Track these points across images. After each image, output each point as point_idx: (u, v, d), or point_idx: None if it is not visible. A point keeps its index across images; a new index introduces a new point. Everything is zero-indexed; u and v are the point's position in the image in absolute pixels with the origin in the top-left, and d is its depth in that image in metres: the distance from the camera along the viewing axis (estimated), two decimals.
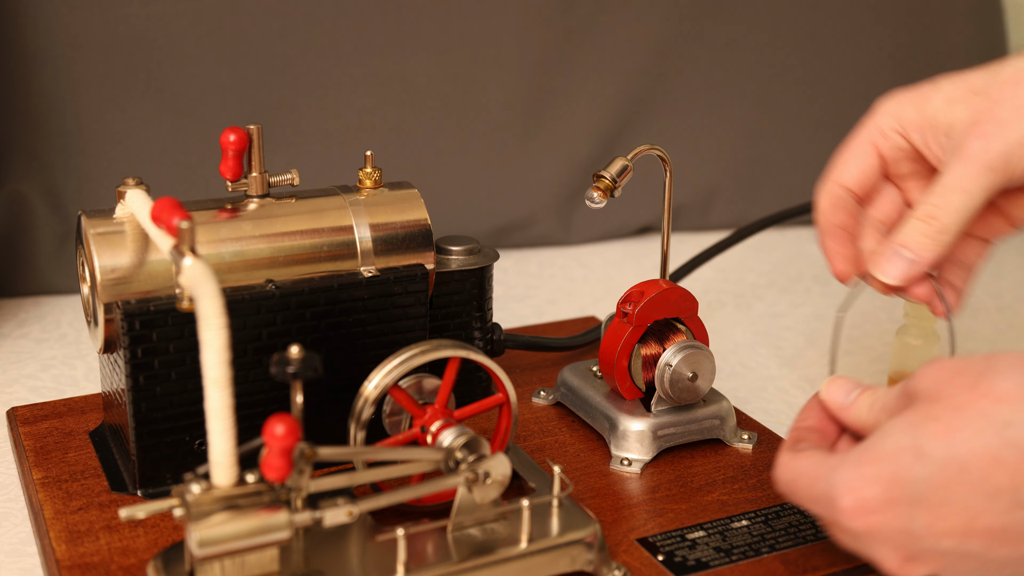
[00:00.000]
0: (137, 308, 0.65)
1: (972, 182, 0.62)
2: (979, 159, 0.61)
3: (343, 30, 1.09)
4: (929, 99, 0.65)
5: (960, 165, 0.62)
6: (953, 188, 0.62)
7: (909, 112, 0.65)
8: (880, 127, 0.66)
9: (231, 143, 0.68)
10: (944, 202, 0.62)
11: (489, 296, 0.78)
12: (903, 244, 0.64)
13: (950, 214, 0.62)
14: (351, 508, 0.57)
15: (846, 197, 0.68)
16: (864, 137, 0.67)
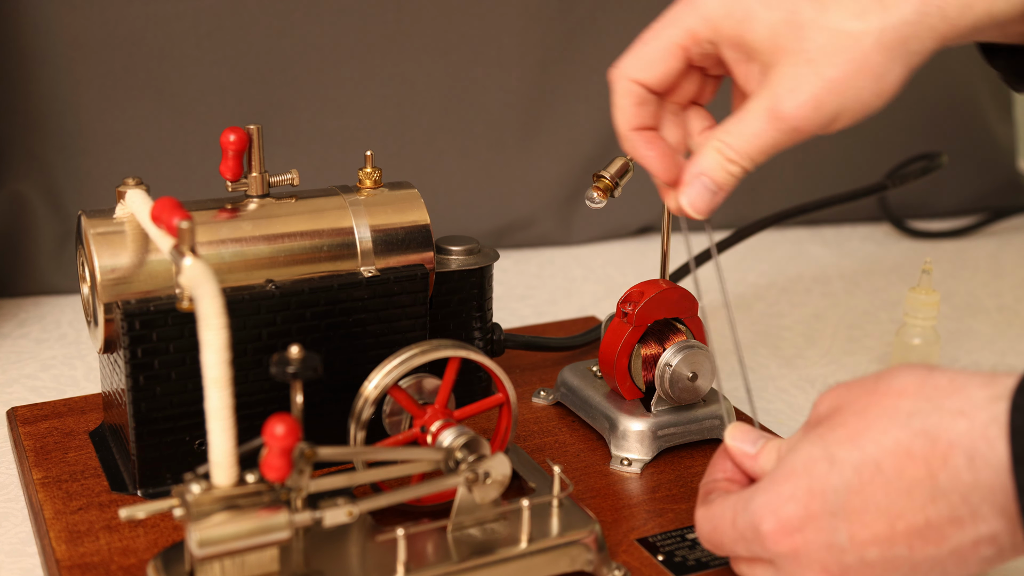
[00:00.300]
0: (137, 308, 0.65)
1: (778, 137, 0.59)
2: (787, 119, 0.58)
3: (343, 30, 1.09)
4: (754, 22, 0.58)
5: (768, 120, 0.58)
6: (759, 146, 0.59)
7: (729, 27, 0.59)
8: (693, 31, 0.60)
9: (231, 143, 0.68)
10: (747, 149, 0.59)
11: (489, 296, 0.78)
12: (705, 173, 0.60)
13: (751, 159, 0.60)
14: (351, 508, 0.57)
15: (645, 94, 0.63)
16: (672, 37, 0.61)
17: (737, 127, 0.59)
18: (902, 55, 0.57)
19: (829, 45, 0.57)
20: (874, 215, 1.25)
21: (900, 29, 0.57)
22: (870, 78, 0.57)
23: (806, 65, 0.57)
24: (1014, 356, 0.95)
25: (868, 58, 0.57)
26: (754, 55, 0.59)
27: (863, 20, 0.57)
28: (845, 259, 1.17)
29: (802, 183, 1.22)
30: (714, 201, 0.61)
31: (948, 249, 1.20)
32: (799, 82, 0.57)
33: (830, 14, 0.57)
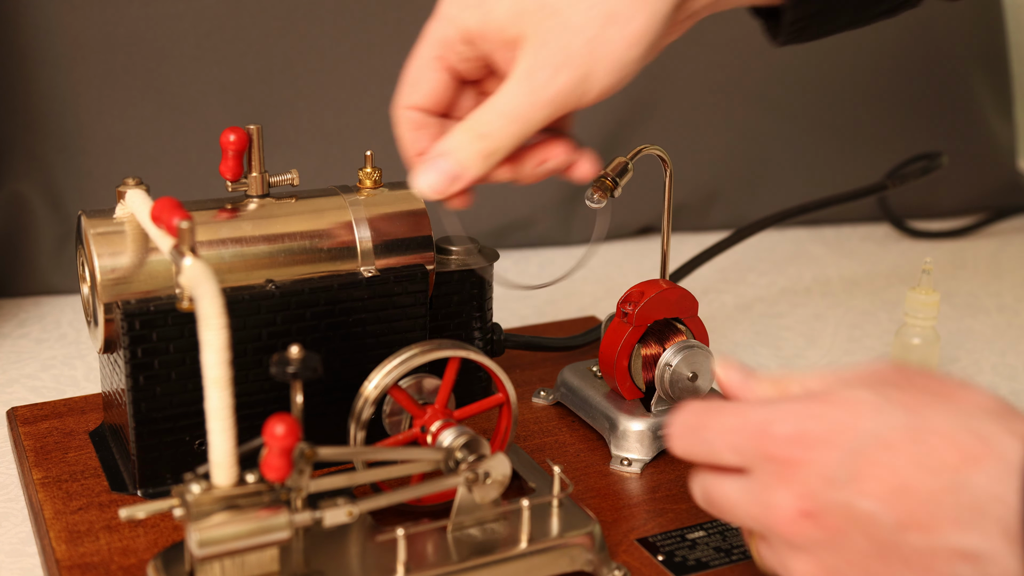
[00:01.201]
0: (137, 308, 0.65)
1: (535, 113, 0.57)
2: (546, 92, 0.56)
3: (343, 30, 1.09)
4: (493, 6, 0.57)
5: (522, 94, 0.56)
6: (513, 116, 0.57)
7: (472, 17, 0.58)
8: (444, 38, 0.59)
9: (231, 143, 0.68)
10: (501, 124, 0.57)
11: (489, 296, 0.78)
12: (446, 153, 0.58)
13: (504, 139, 0.57)
14: (351, 508, 0.57)
15: (422, 118, 0.61)
16: (428, 53, 0.60)
17: (488, 102, 0.57)
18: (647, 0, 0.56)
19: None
20: (874, 215, 1.25)
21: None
22: (617, 24, 0.56)
23: (552, 18, 0.56)
24: (1014, 356, 0.95)
25: (611, 3, 0.56)
26: (504, 35, 0.57)
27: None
28: (845, 259, 1.17)
29: (802, 183, 1.22)
30: (455, 184, 0.59)
31: (948, 249, 1.20)
32: (547, 36, 0.56)
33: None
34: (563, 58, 0.56)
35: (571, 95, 0.57)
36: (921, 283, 0.83)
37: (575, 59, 0.56)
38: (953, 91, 1.27)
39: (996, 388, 0.89)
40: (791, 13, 0.59)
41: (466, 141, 0.58)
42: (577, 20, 0.56)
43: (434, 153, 0.59)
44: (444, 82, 0.60)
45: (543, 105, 0.57)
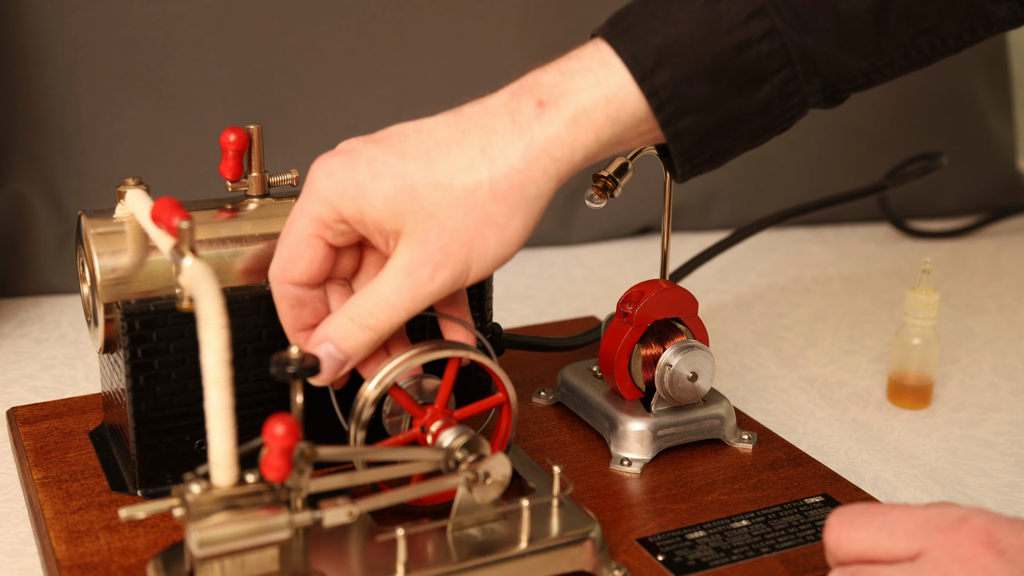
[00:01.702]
0: (137, 308, 0.65)
1: (415, 304, 0.59)
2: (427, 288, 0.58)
3: (343, 30, 1.09)
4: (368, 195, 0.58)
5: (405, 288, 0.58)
6: (395, 307, 0.59)
7: (348, 206, 0.59)
8: (320, 218, 0.59)
9: (231, 143, 0.68)
10: (384, 316, 0.59)
11: (489, 296, 0.78)
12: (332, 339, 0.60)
13: (388, 327, 0.60)
14: (351, 508, 0.57)
15: (302, 293, 0.62)
16: (306, 230, 0.60)
17: (371, 291, 0.59)
18: (521, 202, 0.58)
19: (445, 200, 0.57)
20: (874, 215, 1.25)
21: (511, 177, 0.57)
22: (492, 227, 0.58)
23: (428, 220, 0.57)
24: (1014, 356, 0.95)
25: (486, 208, 0.57)
26: (381, 226, 0.59)
27: (472, 173, 0.57)
28: (845, 259, 1.17)
29: (802, 183, 1.22)
30: (340, 369, 0.60)
31: (948, 249, 1.20)
32: (426, 236, 0.58)
33: (439, 171, 0.57)
34: (442, 257, 0.58)
35: (450, 287, 0.59)
36: (921, 283, 0.83)
37: (453, 257, 0.58)
38: (953, 91, 1.27)
39: (996, 388, 0.90)
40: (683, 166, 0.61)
41: (351, 330, 0.60)
42: (453, 224, 0.57)
43: (319, 337, 0.60)
44: (321, 256, 0.61)
45: (424, 298, 0.59)
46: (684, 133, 0.59)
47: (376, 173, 0.58)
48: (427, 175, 0.58)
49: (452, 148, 0.58)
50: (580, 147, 0.58)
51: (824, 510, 0.68)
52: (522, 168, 0.57)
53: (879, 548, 0.55)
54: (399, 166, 0.58)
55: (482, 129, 0.58)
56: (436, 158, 0.58)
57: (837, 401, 0.87)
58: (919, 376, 0.85)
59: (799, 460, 0.74)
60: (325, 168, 0.59)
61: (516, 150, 0.57)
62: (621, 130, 0.59)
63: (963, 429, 0.83)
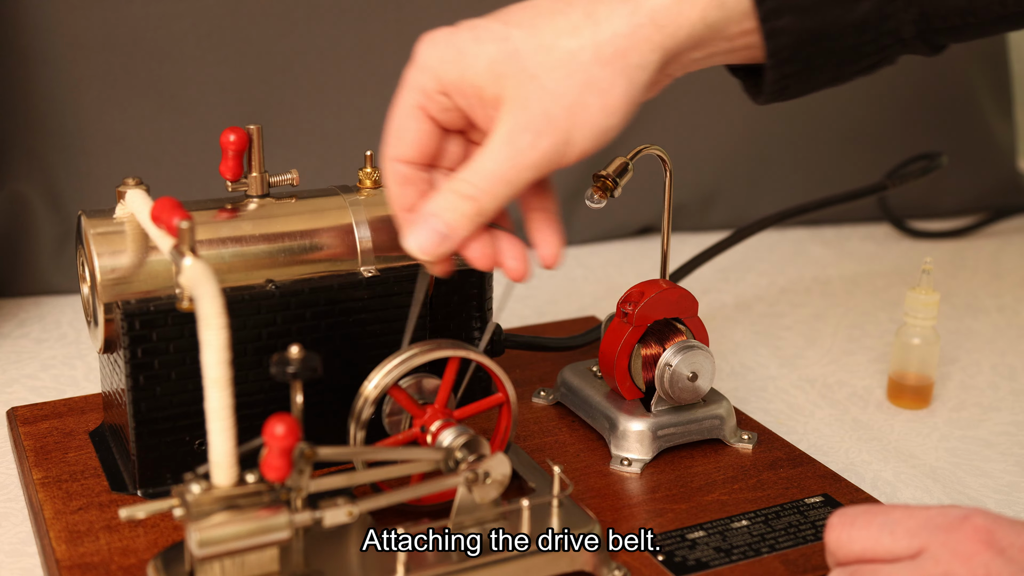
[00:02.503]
0: (137, 308, 0.65)
1: (517, 175, 0.58)
2: (528, 156, 0.57)
3: (343, 30, 1.09)
4: (470, 59, 0.57)
5: (506, 157, 0.57)
6: (497, 178, 0.58)
7: (450, 72, 0.58)
8: (423, 88, 0.59)
9: (231, 143, 0.68)
10: (486, 187, 0.58)
11: (489, 296, 0.78)
12: (435, 214, 0.59)
13: (491, 201, 0.58)
14: (351, 508, 0.57)
15: (410, 171, 0.61)
16: (409, 101, 0.60)
17: (473, 163, 0.58)
18: (624, 69, 0.57)
19: (548, 62, 0.57)
20: (874, 215, 1.25)
21: (615, 42, 0.57)
22: (595, 93, 0.57)
23: (530, 82, 0.57)
24: (1014, 356, 0.95)
25: (589, 72, 0.56)
26: (482, 94, 0.58)
27: (576, 37, 0.57)
28: (845, 259, 1.17)
29: (802, 183, 1.22)
30: (444, 244, 0.59)
31: (948, 249, 1.20)
32: (528, 100, 0.57)
33: (543, 35, 0.57)
34: (544, 123, 0.57)
35: (552, 158, 0.58)
36: (921, 283, 0.83)
37: (555, 124, 0.57)
38: (953, 91, 1.27)
39: (996, 388, 0.90)
40: (772, 73, 0.60)
41: (453, 202, 0.59)
42: (556, 86, 0.57)
43: (423, 213, 0.59)
44: (427, 131, 0.61)
45: (526, 168, 0.58)
46: (780, 32, 0.58)
47: (479, 38, 0.57)
48: (530, 39, 0.57)
49: (556, 15, 0.57)
50: (686, 22, 0.57)
51: (824, 510, 0.68)
52: (627, 33, 0.56)
53: (880, 547, 0.55)
54: (502, 31, 0.57)
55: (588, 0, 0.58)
56: (540, 24, 0.57)
57: (837, 401, 0.87)
58: (919, 376, 0.85)
59: (799, 460, 0.74)
60: (429, 38, 0.59)
61: (621, 16, 0.57)
62: (726, 16, 0.58)
63: (963, 429, 0.83)
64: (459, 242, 0.60)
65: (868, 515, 0.56)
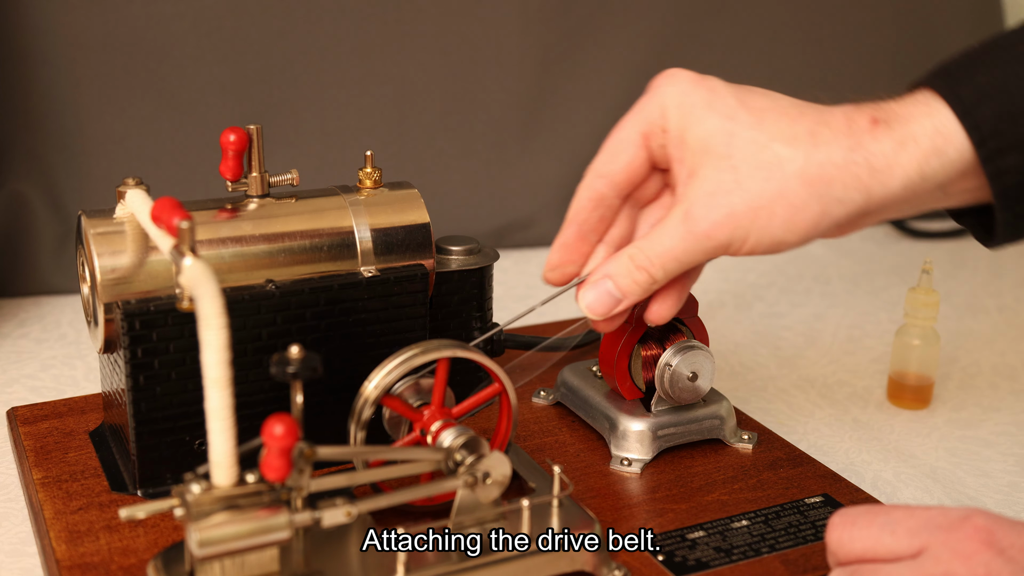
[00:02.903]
0: (137, 308, 0.65)
1: (688, 257, 0.60)
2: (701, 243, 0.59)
3: (343, 30, 1.09)
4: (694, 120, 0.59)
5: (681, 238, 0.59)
6: (670, 256, 0.60)
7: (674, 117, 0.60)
8: (651, 119, 0.61)
9: (231, 143, 0.68)
10: (660, 262, 0.60)
11: (489, 296, 0.78)
12: (611, 276, 0.61)
13: (663, 274, 0.61)
14: (349, 508, 0.57)
15: (606, 193, 0.63)
16: (635, 127, 0.62)
17: (652, 236, 0.60)
18: (822, 196, 0.57)
19: (755, 160, 0.57)
20: None
21: (825, 168, 0.57)
22: (785, 206, 0.57)
23: (729, 172, 0.57)
24: (1014, 356, 0.95)
25: (788, 184, 0.57)
26: (685, 156, 0.59)
27: (791, 147, 0.57)
28: (845, 259, 1.17)
29: None
30: (614, 307, 0.62)
31: (948, 249, 1.20)
32: (718, 187, 0.58)
33: (764, 131, 0.58)
34: (725, 215, 0.58)
35: (722, 250, 0.59)
36: (921, 283, 0.83)
37: (736, 220, 0.58)
38: None
39: (996, 388, 0.90)
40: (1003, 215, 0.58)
41: (628, 269, 0.61)
42: (752, 185, 0.57)
43: (599, 274, 0.62)
44: (641, 160, 0.62)
45: (695, 252, 0.59)
46: (1006, 172, 0.57)
47: (711, 104, 0.59)
48: (750, 129, 0.58)
49: (784, 118, 0.58)
50: (900, 171, 0.57)
51: (824, 510, 0.68)
52: (839, 164, 0.57)
53: (881, 546, 0.55)
54: (734, 108, 0.58)
55: (818, 118, 0.58)
56: (767, 118, 0.58)
57: (837, 401, 0.87)
58: (919, 376, 0.85)
59: (799, 460, 0.74)
60: (671, 77, 0.61)
61: (840, 147, 0.57)
62: (946, 166, 0.57)
63: (963, 429, 0.83)
64: (628, 306, 0.62)
65: (869, 515, 0.56)
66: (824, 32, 1.22)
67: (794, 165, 0.57)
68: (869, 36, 1.24)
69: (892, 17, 1.24)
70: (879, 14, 1.23)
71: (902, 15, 1.25)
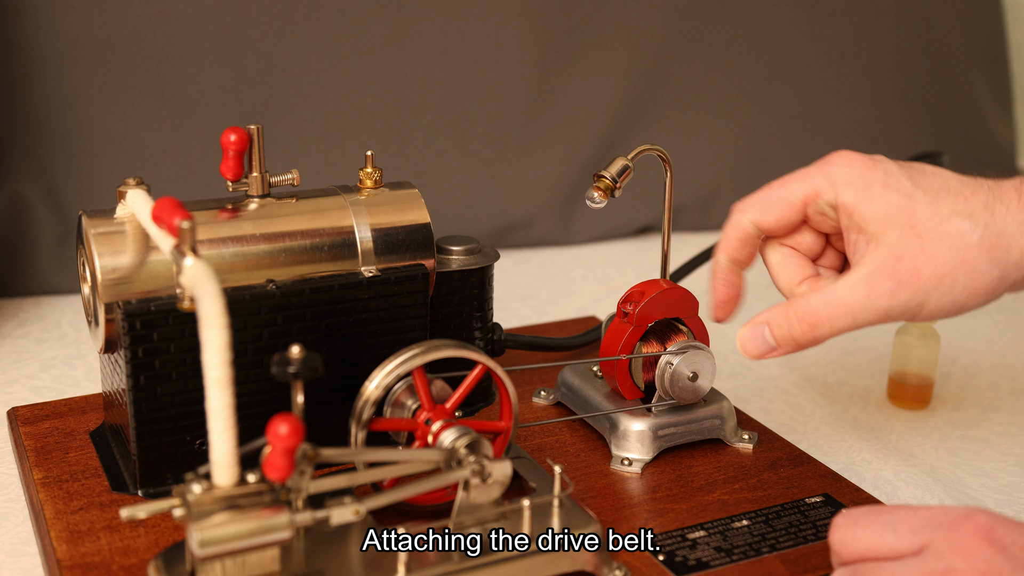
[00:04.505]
0: (138, 308, 0.65)
1: (866, 316, 0.61)
2: (883, 302, 0.60)
3: (343, 30, 1.09)
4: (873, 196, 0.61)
5: (863, 294, 0.60)
6: (846, 311, 0.61)
7: (848, 195, 0.62)
8: (817, 191, 0.63)
9: (232, 143, 0.68)
10: (831, 315, 0.61)
11: (489, 296, 0.78)
12: (769, 324, 0.63)
13: (829, 331, 0.61)
14: (357, 507, 0.57)
15: (753, 233, 0.66)
16: (798, 191, 0.64)
17: (827, 291, 0.61)
18: (1001, 261, 0.59)
19: (938, 231, 0.60)
20: None
21: (1004, 237, 0.60)
22: (967, 272, 0.59)
23: (914, 239, 0.60)
24: (1014, 356, 0.95)
25: (970, 253, 0.59)
26: (864, 227, 0.61)
27: (971, 220, 0.60)
28: None
29: None
30: (767, 350, 0.63)
31: None
32: (904, 252, 0.60)
33: (942, 206, 0.60)
34: (910, 278, 0.59)
35: (902, 312, 0.60)
36: None
37: (919, 284, 0.60)
38: (953, 91, 1.27)
39: (996, 388, 0.90)
40: None
41: (790, 321, 0.62)
42: (936, 252, 0.59)
43: (760, 319, 0.63)
44: (793, 219, 0.65)
45: (875, 312, 0.60)
46: None
47: (888, 184, 0.61)
48: (929, 205, 0.60)
49: (959, 197, 0.61)
50: None
51: (824, 510, 0.68)
52: (1015, 234, 0.60)
53: (883, 545, 0.55)
54: (910, 188, 0.61)
55: (991, 195, 0.61)
56: (943, 197, 0.61)
57: (837, 401, 0.87)
58: (919, 376, 0.85)
59: (799, 460, 0.74)
60: (848, 157, 0.63)
61: (1016, 221, 0.60)
62: None
63: (963, 429, 0.83)
64: (781, 355, 0.64)
65: (871, 515, 0.57)
66: (824, 32, 1.22)
67: (974, 235, 0.59)
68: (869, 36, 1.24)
69: (893, 17, 1.24)
70: (879, 14, 1.23)
71: (903, 15, 1.25)
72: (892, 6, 1.24)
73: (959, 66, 1.26)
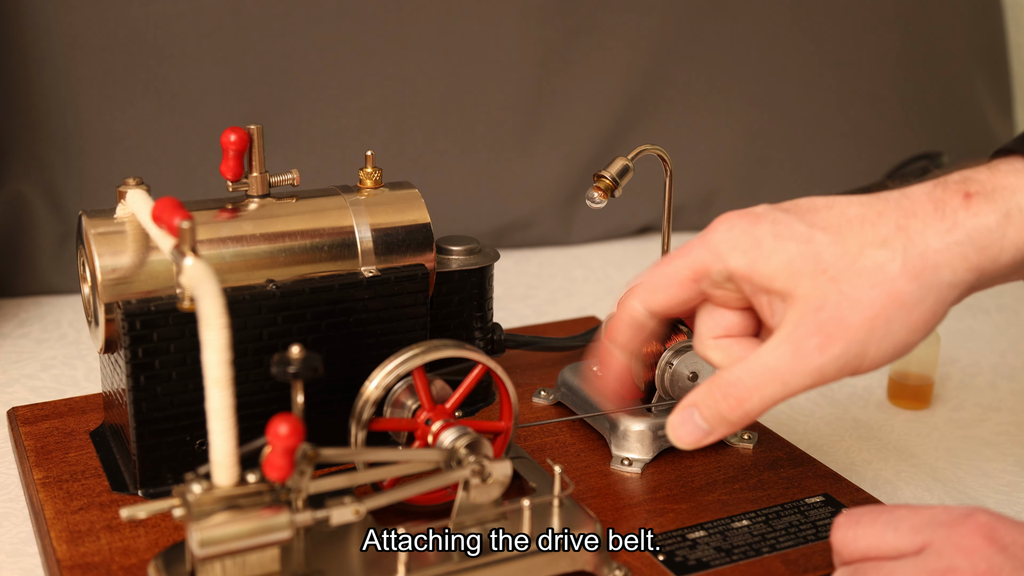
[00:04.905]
0: (138, 308, 0.65)
1: (798, 380, 0.54)
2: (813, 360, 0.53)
3: (343, 30, 1.09)
4: (767, 252, 0.55)
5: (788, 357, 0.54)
6: (773, 377, 0.54)
7: (740, 261, 0.55)
8: (706, 268, 0.57)
9: (232, 143, 0.68)
10: (758, 384, 0.54)
11: (489, 296, 0.78)
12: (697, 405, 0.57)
13: (759, 402, 0.55)
14: (357, 507, 0.57)
15: (646, 320, 0.60)
16: (683, 271, 0.58)
17: (749, 360, 0.55)
18: (934, 285, 0.54)
19: (852, 269, 0.53)
20: None
21: (927, 257, 0.53)
22: (900, 307, 0.53)
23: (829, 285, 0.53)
24: (1014, 356, 0.95)
25: (896, 284, 0.53)
26: (770, 286, 0.55)
27: (886, 248, 0.54)
28: None
29: (802, 183, 1.22)
30: (702, 436, 0.57)
31: None
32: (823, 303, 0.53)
33: (849, 243, 0.54)
34: (838, 329, 0.53)
35: (839, 369, 0.54)
36: None
37: (850, 333, 0.53)
38: (953, 91, 1.27)
39: (996, 388, 0.90)
40: None
41: (716, 400, 0.56)
42: (858, 295, 0.53)
43: (687, 402, 0.57)
44: (687, 299, 0.58)
45: (807, 373, 0.54)
46: None
47: (779, 234, 0.55)
48: (834, 245, 0.54)
49: (865, 224, 0.54)
50: (1011, 245, 0.54)
51: (825, 510, 0.68)
52: (940, 249, 0.53)
53: (884, 544, 0.55)
54: (806, 232, 0.55)
55: (900, 211, 0.55)
56: (846, 231, 0.54)
57: (837, 401, 0.87)
58: (919, 376, 0.85)
59: (799, 460, 0.74)
60: (728, 220, 0.57)
61: (936, 233, 0.54)
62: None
63: (963, 429, 0.83)
64: (717, 439, 0.57)
65: (872, 514, 0.57)
66: (824, 32, 1.22)
67: (894, 264, 0.53)
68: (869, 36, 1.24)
69: (892, 17, 1.24)
70: (879, 14, 1.23)
71: (902, 15, 1.25)
72: (892, 6, 1.24)
73: (959, 66, 1.26)
